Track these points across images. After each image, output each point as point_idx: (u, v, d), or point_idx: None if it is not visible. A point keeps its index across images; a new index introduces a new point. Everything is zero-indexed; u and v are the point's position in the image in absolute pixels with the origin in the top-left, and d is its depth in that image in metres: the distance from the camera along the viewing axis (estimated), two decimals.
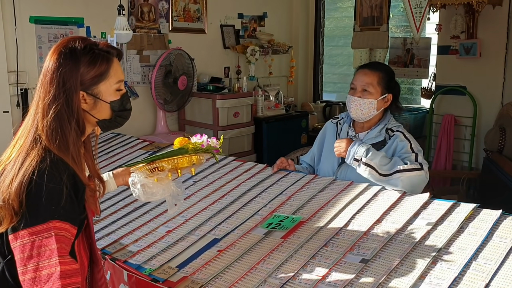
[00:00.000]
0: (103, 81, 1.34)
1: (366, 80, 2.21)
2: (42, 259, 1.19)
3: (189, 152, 1.55)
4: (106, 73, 1.34)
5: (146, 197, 1.56)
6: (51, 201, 1.21)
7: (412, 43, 4.83)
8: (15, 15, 3.32)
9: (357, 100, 2.21)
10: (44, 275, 1.18)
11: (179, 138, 1.59)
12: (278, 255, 1.68)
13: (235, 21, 4.90)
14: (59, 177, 1.23)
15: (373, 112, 2.22)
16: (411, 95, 5.29)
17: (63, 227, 1.23)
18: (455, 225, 1.66)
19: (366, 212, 1.88)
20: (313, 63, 5.82)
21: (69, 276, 1.20)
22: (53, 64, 1.29)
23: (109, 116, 1.39)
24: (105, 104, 1.36)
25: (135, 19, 4.04)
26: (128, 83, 4.07)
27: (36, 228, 1.20)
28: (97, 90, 1.34)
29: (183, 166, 1.55)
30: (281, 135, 4.59)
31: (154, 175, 1.54)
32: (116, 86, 1.38)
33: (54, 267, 1.19)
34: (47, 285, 1.18)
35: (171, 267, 1.74)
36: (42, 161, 1.23)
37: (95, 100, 1.34)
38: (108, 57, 1.35)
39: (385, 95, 2.23)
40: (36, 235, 1.20)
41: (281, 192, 2.15)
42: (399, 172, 1.99)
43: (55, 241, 1.20)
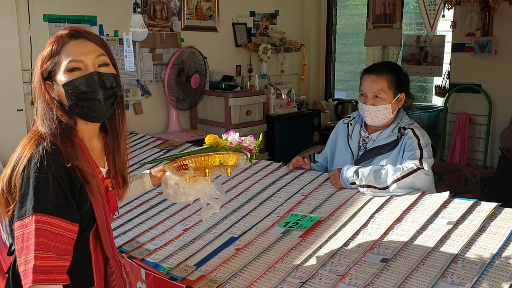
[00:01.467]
0: (56, 66, 1.26)
1: (376, 87, 2.18)
2: (28, 252, 1.15)
3: (219, 151, 1.42)
4: (55, 56, 1.26)
5: (174, 197, 1.50)
6: (37, 193, 1.17)
7: (425, 41, 4.78)
8: (29, 14, 3.33)
9: (371, 108, 2.19)
10: (28, 269, 1.14)
11: (209, 136, 1.47)
12: (296, 254, 1.67)
13: (247, 19, 4.89)
14: (48, 169, 1.18)
15: (389, 116, 2.20)
16: (424, 93, 5.24)
17: (49, 222, 1.17)
18: (477, 224, 1.64)
19: (385, 211, 1.86)
20: (325, 61, 5.79)
21: (45, 272, 1.15)
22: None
23: (71, 102, 1.27)
24: (61, 88, 1.26)
25: (147, 17, 4.03)
26: (141, 82, 4.07)
27: (24, 221, 1.17)
28: (55, 77, 1.26)
29: (211, 166, 1.42)
30: (293, 133, 4.57)
31: (180, 174, 1.46)
32: (68, 66, 1.25)
33: (30, 262, 1.14)
34: (24, 280, 1.15)
35: (189, 266, 1.73)
36: (36, 152, 1.20)
37: (54, 85, 1.27)
38: (58, 40, 1.27)
39: (397, 95, 2.20)
40: (24, 228, 1.17)
41: (298, 191, 2.14)
42: (395, 182, 1.96)
43: (35, 235, 1.15)
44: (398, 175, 1.95)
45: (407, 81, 2.27)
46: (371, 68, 2.27)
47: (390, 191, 1.96)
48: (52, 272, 1.16)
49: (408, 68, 4.89)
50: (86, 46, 1.27)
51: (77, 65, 1.25)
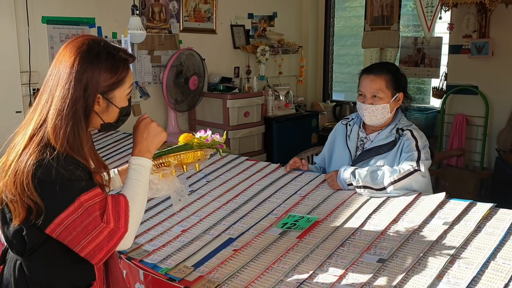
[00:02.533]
0: (120, 87, 1.35)
1: (375, 86, 2.20)
2: (88, 233, 1.22)
3: (194, 147, 1.56)
4: (123, 80, 1.35)
5: (152, 193, 1.56)
6: (67, 182, 1.22)
7: (423, 43, 4.80)
8: (28, 16, 3.34)
9: (369, 107, 2.20)
10: (97, 245, 1.22)
11: (184, 134, 1.60)
12: (294, 255, 1.68)
13: (245, 21, 4.91)
14: (67, 163, 1.23)
15: (387, 115, 2.21)
16: (422, 94, 5.26)
17: (94, 194, 1.25)
18: (472, 225, 1.65)
19: (382, 212, 1.87)
20: (323, 62, 5.81)
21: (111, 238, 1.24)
22: (77, 65, 1.28)
23: (114, 120, 1.39)
24: (116, 109, 1.36)
25: (146, 19, 4.05)
26: (140, 83, 4.08)
27: (69, 210, 1.21)
28: (112, 95, 1.34)
29: (188, 162, 1.56)
30: (291, 135, 4.58)
31: (160, 171, 1.55)
32: (128, 91, 1.39)
33: (104, 230, 1.23)
34: (108, 245, 1.23)
35: (187, 266, 1.74)
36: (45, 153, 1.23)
37: (108, 104, 1.34)
38: (126, 64, 1.36)
39: (396, 95, 2.22)
40: (71, 216, 1.21)
41: (295, 192, 2.15)
42: (391, 184, 1.97)
43: (92, 211, 1.22)
44: (395, 177, 1.97)
45: (405, 82, 2.29)
46: (369, 68, 2.29)
47: (387, 192, 1.97)
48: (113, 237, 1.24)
49: (405, 69, 4.91)
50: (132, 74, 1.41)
51: (131, 91, 1.42)
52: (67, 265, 1.33)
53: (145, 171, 1.39)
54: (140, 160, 1.39)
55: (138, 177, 1.36)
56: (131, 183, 1.35)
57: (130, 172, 1.38)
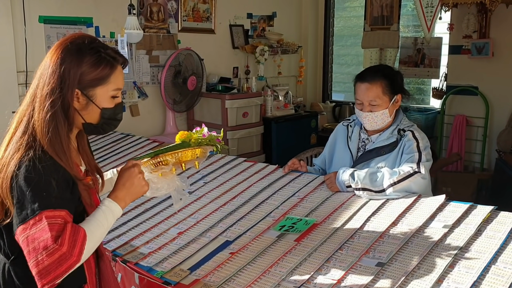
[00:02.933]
0: (101, 86, 1.31)
1: (371, 95, 2.17)
2: (39, 252, 1.15)
3: (192, 144, 1.53)
4: (106, 78, 1.31)
5: (152, 192, 1.53)
6: (37, 193, 1.18)
7: (423, 43, 4.77)
8: (25, 15, 3.31)
9: (369, 115, 2.18)
10: (45, 267, 1.15)
11: (180, 132, 1.56)
12: (291, 258, 1.66)
13: (244, 21, 4.88)
14: (45, 170, 1.20)
15: (387, 120, 2.19)
16: (420, 95, 5.24)
17: (58, 215, 1.19)
18: (473, 228, 1.63)
19: (381, 215, 1.85)
20: (322, 62, 5.79)
21: (59, 264, 1.16)
22: (57, 57, 1.27)
23: (96, 121, 1.35)
24: (96, 109, 1.33)
25: (144, 19, 4.02)
26: (138, 83, 4.06)
27: (29, 223, 1.17)
28: (92, 92, 1.31)
29: (187, 160, 1.52)
30: (290, 136, 4.56)
31: (158, 170, 1.52)
32: (113, 93, 1.35)
33: (55, 252, 1.15)
34: (56, 270, 1.15)
35: (183, 270, 1.71)
36: (26, 154, 1.21)
37: (88, 102, 1.31)
38: (112, 63, 1.33)
39: (393, 98, 2.19)
40: (31, 229, 1.16)
41: (294, 194, 2.12)
42: (391, 186, 1.94)
43: (49, 229, 1.16)
44: (394, 179, 1.94)
45: (401, 80, 2.26)
46: (363, 75, 2.24)
47: (386, 194, 1.94)
48: (66, 261, 1.16)
49: (405, 70, 4.88)
50: (123, 75, 1.38)
51: (118, 94, 1.36)
52: None
53: (112, 217, 1.34)
54: (112, 205, 1.35)
55: (102, 220, 1.31)
56: (94, 222, 1.29)
57: (98, 211, 1.32)
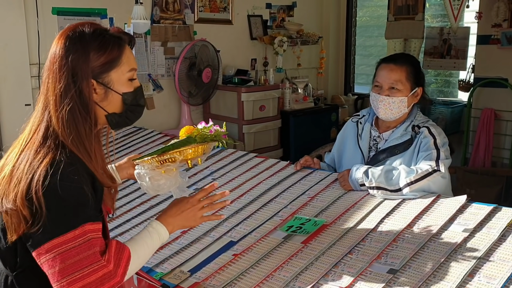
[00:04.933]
0: (115, 69, 1.22)
1: (394, 77, 2.03)
2: (80, 268, 1.09)
3: (197, 140, 1.44)
4: (117, 60, 1.22)
5: (154, 190, 1.47)
6: (77, 203, 1.11)
7: (449, 33, 4.57)
8: (37, 7, 3.26)
9: (385, 99, 2.03)
10: (86, 285, 1.09)
11: (186, 127, 1.48)
12: (297, 261, 1.55)
13: (263, 11, 4.75)
14: (79, 176, 1.12)
15: (403, 110, 2.05)
16: (448, 87, 5.03)
17: (98, 228, 1.15)
18: (496, 233, 1.48)
19: (396, 216, 1.72)
20: (344, 54, 5.62)
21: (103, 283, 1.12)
22: (61, 50, 1.18)
23: (120, 110, 1.26)
24: (117, 95, 1.23)
25: (159, 10, 3.94)
26: (153, 76, 3.99)
27: (68, 236, 1.09)
28: (108, 78, 1.21)
29: (192, 157, 1.45)
30: (309, 130, 4.42)
31: (163, 167, 1.44)
32: (129, 75, 1.25)
33: (101, 270, 1.11)
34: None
35: (183, 272, 1.63)
36: (56, 159, 1.12)
37: (106, 90, 1.22)
38: (119, 42, 1.23)
39: (415, 89, 2.05)
40: (66, 245, 1.09)
41: (304, 192, 2.01)
42: (407, 185, 1.80)
43: (91, 245, 1.11)
44: (411, 178, 1.80)
45: (423, 79, 2.13)
46: (390, 57, 2.14)
47: (402, 193, 1.81)
48: (109, 280, 1.13)
49: (430, 61, 4.70)
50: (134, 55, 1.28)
51: (134, 75, 1.26)
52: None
53: (158, 240, 1.32)
54: (161, 229, 1.33)
55: (148, 242, 1.29)
56: (140, 243, 1.27)
57: (145, 232, 1.31)
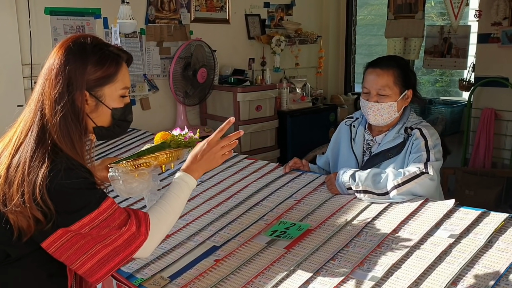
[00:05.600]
0: (109, 84, 1.27)
1: (381, 82, 1.97)
2: (104, 238, 1.18)
3: (171, 146, 1.48)
4: (113, 76, 1.27)
5: (127, 192, 1.49)
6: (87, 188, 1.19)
7: (449, 32, 4.51)
8: (29, 6, 3.24)
9: (374, 106, 1.99)
10: (114, 249, 1.19)
11: (161, 133, 1.53)
12: (279, 268, 1.51)
13: (260, 10, 4.71)
14: (80, 171, 1.18)
15: (394, 115, 1.99)
16: (453, 87, 4.97)
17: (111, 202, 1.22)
18: (482, 239, 1.43)
19: (382, 221, 1.67)
20: (344, 53, 5.56)
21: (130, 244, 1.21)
22: (60, 58, 1.22)
23: (108, 124, 1.31)
24: (107, 110, 1.29)
25: (154, 9, 3.91)
26: (148, 76, 3.96)
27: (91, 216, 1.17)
28: (101, 92, 1.26)
29: (166, 162, 1.49)
30: (307, 130, 4.37)
31: (137, 171, 1.47)
32: (121, 92, 1.31)
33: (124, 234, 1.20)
34: (125, 250, 1.20)
35: (163, 278, 1.59)
36: (56, 162, 1.16)
37: (97, 103, 1.27)
38: (117, 60, 1.29)
39: (404, 93, 1.99)
40: (95, 220, 1.17)
41: (291, 195, 1.97)
42: (395, 188, 1.75)
43: (114, 218, 1.20)
44: (398, 180, 1.75)
45: (414, 79, 2.07)
46: (376, 62, 2.06)
47: (390, 197, 1.76)
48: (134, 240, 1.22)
49: (431, 60, 4.64)
50: (128, 72, 1.34)
51: (126, 94, 1.33)
52: (42, 278, 1.26)
53: (187, 189, 1.39)
54: (187, 177, 1.39)
55: (178, 193, 1.36)
56: (171, 196, 1.34)
57: (173, 185, 1.37)
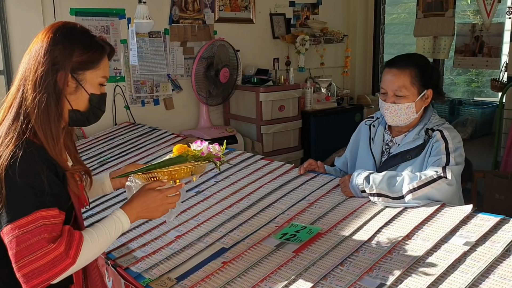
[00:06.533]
0: (91, 70, 1.30)
1: (397, 83, 1.91)
2: (32, 251, 1.12)
3: (189, 160, 1.41)
4: (96, 62, 1.30)
5: None
6: (32, 190, 1.16)
7: (481, 30, 4.34)
8: (55, 7, 3.30)
9: (391, 107, 1.92)
10: (38, 268, 1.13)
11: (178, 146, 1.45)
12: (286, 272, 1.47)
13: (286, 10, 4.66)
14: (37, 164, 1.18)
15: (412, 116, 1.92)
16: (484, 87, 4.80)
17: (51, 214, 1.17)
18: (500, 247, 1.36)
19: (395, 226, 1.61)
20: (372, 52, 5.45)
21: (54, 266, 1.14)
22: (50, 39, 1.25)
23: (84, 109, 1.32)
24: (85, 94, 1.31)
25: (178, 10, 3.92)
26: (172, 76, 3.97)
27: (20, 222, 1.13)
28: (82, 76, 1.29)
29: (181, 177, 1.42)
30: (331, 130, 4.30)
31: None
32: (100, 80, 1.34)
33: (51, 253, 1.14)
34: (49, 272, 1.13)
35: (170, 279, 1.58)
36: (19, 144, 1.18)
37: (77, 86, 1.29)
38: (102, 49, 1.32)
39: (423, 92, 1.92)
40: (25, 227, 1.13)
41: (304, 198, 1.93)
42: (410, 192, 1.68)
43: (42, 231, 1.14)
44: (414, 184, 1.69)
45: (436, 76, 1.98)
46: (393, 61, 1.99)
47: (405, 201, 1.70)
48: (61, 262, 1.15)
49: (461, 60, 4.48)
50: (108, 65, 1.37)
51: (105, 83, 1.36)
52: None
53: (119, 228, 1.31)
54: (123, 218, 1.32)
55: (109, 228, 1.29)
56: (100, 229, 1.27)
57: (108, 219, 1.31)
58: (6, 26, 3.20)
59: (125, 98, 3.76)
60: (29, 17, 3.22)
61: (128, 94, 3.78)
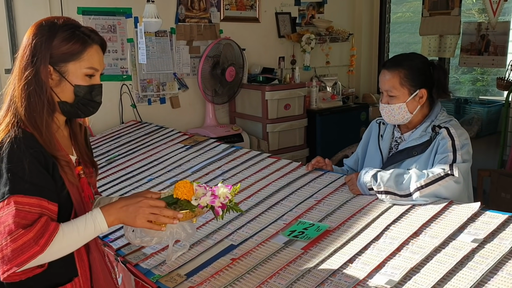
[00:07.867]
0: (73, 61, 1.29)
1: (387, 84, 1.93)
2: (3, 236, 1.13)
3: (192, 209, 1.32)
4: (78, 54, 1.30)
5: (139, 241, 1.39)
6: (12, 176, 1.17)
7: (487, 28, 4.34)
8: (62, 6, 3.32)
9: (386, 107, 1.95)
10: (10, 252, 1.13)
11: (182, 183, 1.35)
12: (295, 269, 1.49)
13: (291, 8, 4.67)
14: (21, 151, 1.19)
15: (407, 116, 1.93)
16: (489, 86, 4.79)
17: (27, 202, 1.16)
18: (508, 244, 1.37)
19: (403, 223, 1.62)
20: (377, 51, 5.45)
21: (23, 252, 1.13)
22: (31, 34, 1.29)
23: (71, 100, 1.33)
24: (69, 86, 1.31)
25: (184, 8, 3.94)
26: (178, 75, 3.99)
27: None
28: (65, 68, 1.29)
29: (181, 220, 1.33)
30: (337, 129, 4.31)
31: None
32: (86, 71, 1.32)
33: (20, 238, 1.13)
34: (16, 259, 1.13)
35: (179, 275, 1.60)
36: (8, 133, 1.22)
37: (61, 78, 1.30)
38: (86, 40, 1.31)
39: (415, 92, 1.92)
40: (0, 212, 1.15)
41: (311, 195, 1.94)
42: (418, 190, 1.70)
43: (14, 215, 1.14)
44: (421, 182, 1.70)
45: (438, 74, 1.96)
46: (385, 62, 2.03)
47: (412, 199, 1.71)
48: (29, 248, 1.14)
49: (467, 58, 4.48)
50: (102, 56, 1.36)
51: (93, 73, 1.33)
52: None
53: (93, 229, 1.24)
54: (100, 218, 1.25)
55: (80, 227, 1.23)
56: (72, 226, 1.22)
57: (85, 218, 1.25)
58: (14, 25, 3.22)
59: (132, 97, 3.78)
60: (36, 17, 3.18)
61: (135, 92, 3.80)
